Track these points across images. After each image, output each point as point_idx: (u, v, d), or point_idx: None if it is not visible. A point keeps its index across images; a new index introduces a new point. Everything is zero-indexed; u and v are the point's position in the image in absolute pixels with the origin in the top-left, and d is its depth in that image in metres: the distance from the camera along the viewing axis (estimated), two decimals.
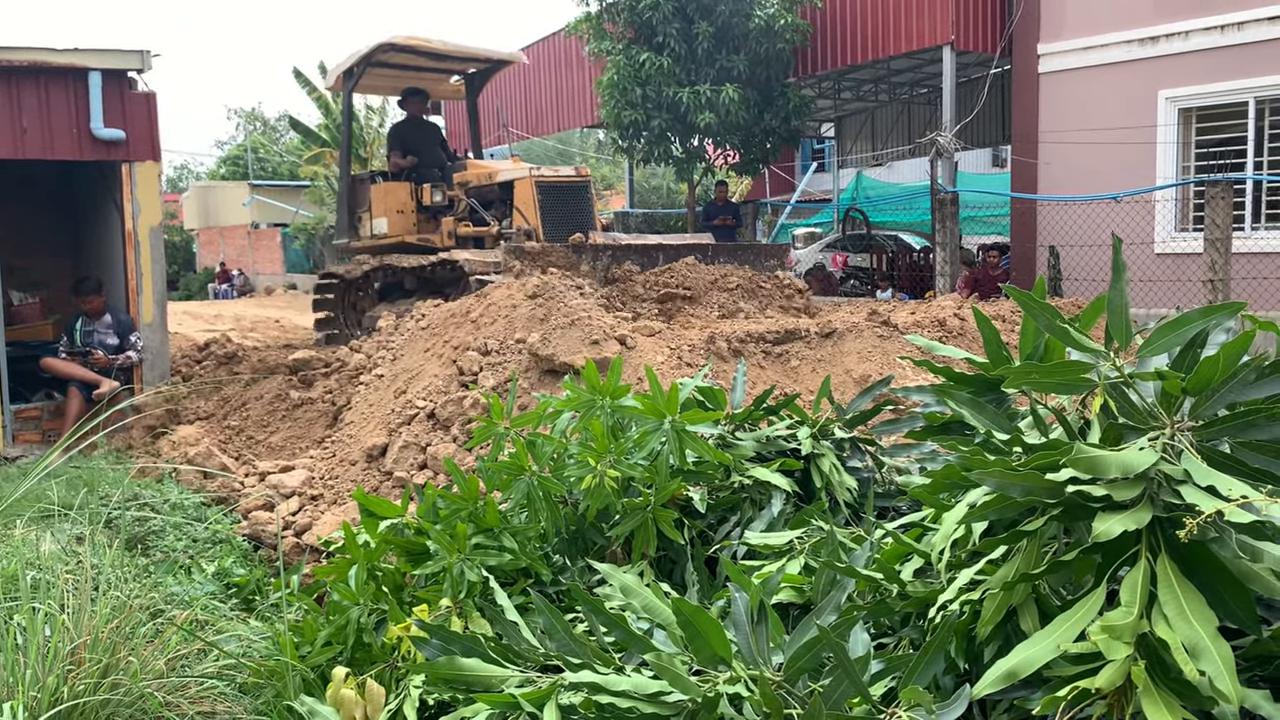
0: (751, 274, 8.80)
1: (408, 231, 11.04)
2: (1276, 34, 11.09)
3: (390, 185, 11.23)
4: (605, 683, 1.77)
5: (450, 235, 10.55)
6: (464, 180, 10.79)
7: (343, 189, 12.13)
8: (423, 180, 11.20)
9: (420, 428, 5.68)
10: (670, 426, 3.19)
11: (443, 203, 10.92)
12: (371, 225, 11.33)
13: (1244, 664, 1.83)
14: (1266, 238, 11.19)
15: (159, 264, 8.23)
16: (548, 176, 10.34)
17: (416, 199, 11.18)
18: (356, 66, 11.24)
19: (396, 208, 11.09)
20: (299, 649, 3.22)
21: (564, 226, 9.98)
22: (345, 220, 11.91)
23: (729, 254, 9.26)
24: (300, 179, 31.58)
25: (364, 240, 11.55)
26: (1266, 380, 1.80)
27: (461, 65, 12.00)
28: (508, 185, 10.34)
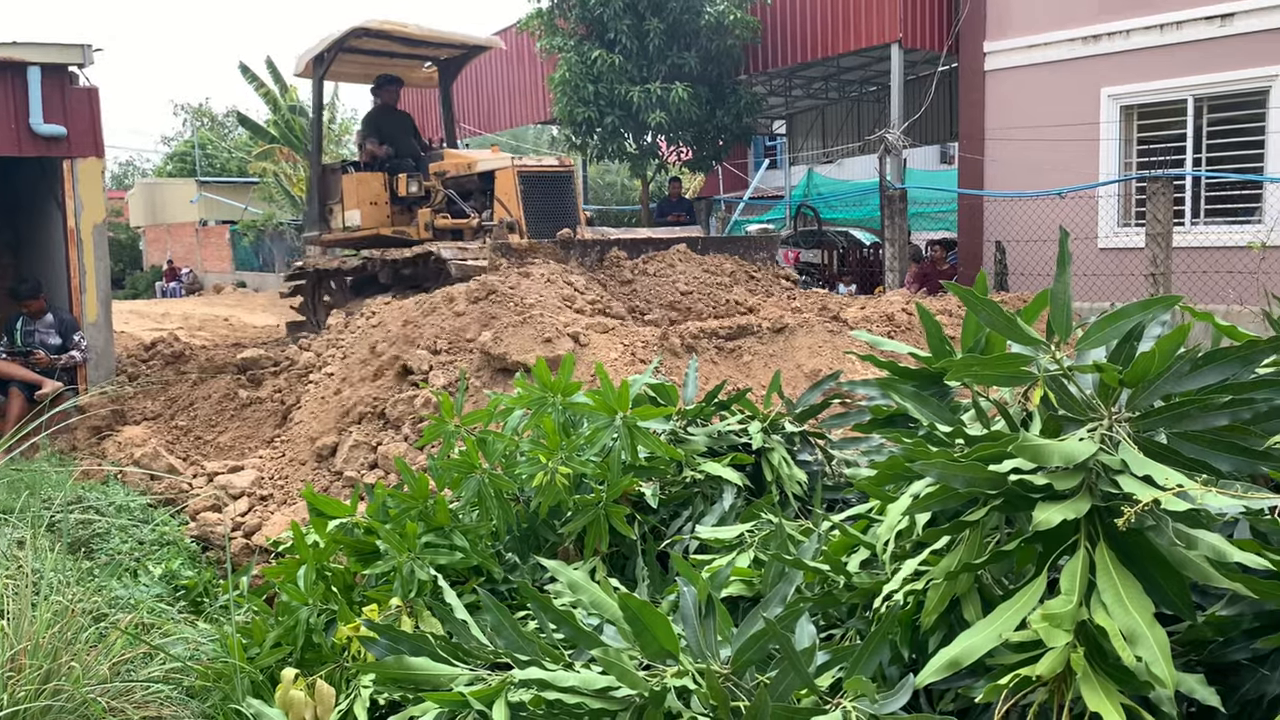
0: (744, 264, 8.72)
1: (382, 223, 10.75)
2: (1214, 33, 11.33)
3: (363, 175, 10.91)
4: (553, 679, 1.77)
5: (427, 227, 10.27)
6: (441, 170, 10.50)
7: (313, 179, 11.80)
8: (397, 170, 10.90)
9: (371, 427, 5.63)
10: (622, 423, 3.20)
11: (418, 193, 10.60)
12: (344, 217, 11.04)
13: (1180, 649, 1.88)
14: (1206, 232, 11.43)
15: (103, 262, 8.08)
16: (530, 167, 10.04)
17: (391, 190, 10.87)
18: (327, 52, 10.92)
19: (370, 199, 10.77)
20: (248, 651, 3.18)
21: (548, 219, 9.68)
22: (316, 212, 11.56)
23: (719, 246, 9.10)
24: (249, 175, 31.14)
25: (335, 233, 11.24)
26: (1200, 371, 1.84)
27: (436, 51, 11.71)
28: (488, 175, 10.05)
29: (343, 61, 11.25)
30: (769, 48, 15.11)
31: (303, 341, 8.14)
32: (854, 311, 7.88)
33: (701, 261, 8.38)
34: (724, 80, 15.14)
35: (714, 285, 8.08)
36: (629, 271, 8.08)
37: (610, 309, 7.10)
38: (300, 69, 11.47)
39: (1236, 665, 1.87)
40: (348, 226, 10.94)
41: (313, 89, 11.76)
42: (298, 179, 25.84)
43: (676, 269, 8.13)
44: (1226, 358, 1.83)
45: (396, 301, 7.53)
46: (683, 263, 8.26)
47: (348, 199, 10.95)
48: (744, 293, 8.14)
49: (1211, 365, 1.83)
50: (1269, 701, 1.80)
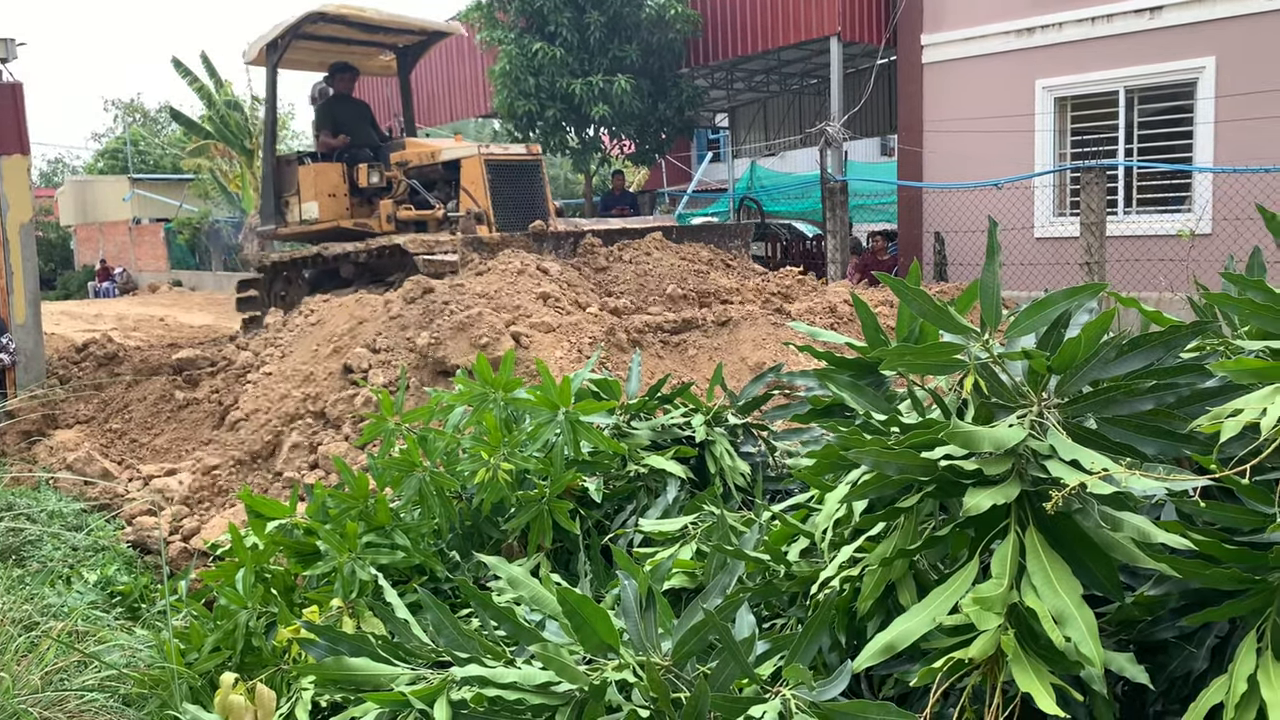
0: (720, 252, 8.61)
1: (341, 216, 10.42)
2: (1144, 26, 11.59)
3: (321, 166, 10.54)
4: (493, 676, 1.77)
5: (389, 219, 9.99)
6: (403, 160, 10.19)
7: (266, 171, 11.39)
8: (355, 160, 10.55)
9: (310, 426, 5.56)
10: (564, 418, 3.19)
11: (380, 184, 10.30)
12: (300, 210, 10.68)
13: (1109, 629, 1.92)
14: (1138, 221, 11.70)
15: (31, 262, 7.88)
16: (498, 155, 9.77)
17: (350, 181, 10.53)
18: (281, 38, 10.55)
19: (328, 190, 10.44)
20: (185, 656, 3.13)
21: (516, 209, 9.46)
22: (271, 205, 11.16)
23: (693, 235, 8.96)
24: (183, 173, 30.54)
25: (292, 226, 10.86)
26: (1126, 357, 1.88)
27: (394, 38, 11.36)
28: (453, 165, 9.76)
29: (297, 49, 10.88)
30: (710, 41, 15.17)
31: (240, 341, 8.01)
32: (797, 304, 7.94)
33: (678, 250, 8.25)
34: (666, 73, 15.17)
35: (691, 272, 7.93)
36: (604, 259, 7.89)
37: (584, 300, 7.04)
38: (252, 56, 11.08)
39: (1164, 643, 1.92)
40: (305, 220, 10.59)
41: (266, 77, 11.32)
42: (234, 175, 25.42)
43: (653, 256, 7.99)
44: (1151, 343, 1.87)
45: (336, 299, 7.43)
46: (659, 250, 8.13)
47: (304, 191, 10.60)
48: (722, 279, 8.05)
49: (1136, 351, 1.87)
50: (1195, 677, 1.85)
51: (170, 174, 34.57)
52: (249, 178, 24.78)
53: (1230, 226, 9.93)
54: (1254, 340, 2.02)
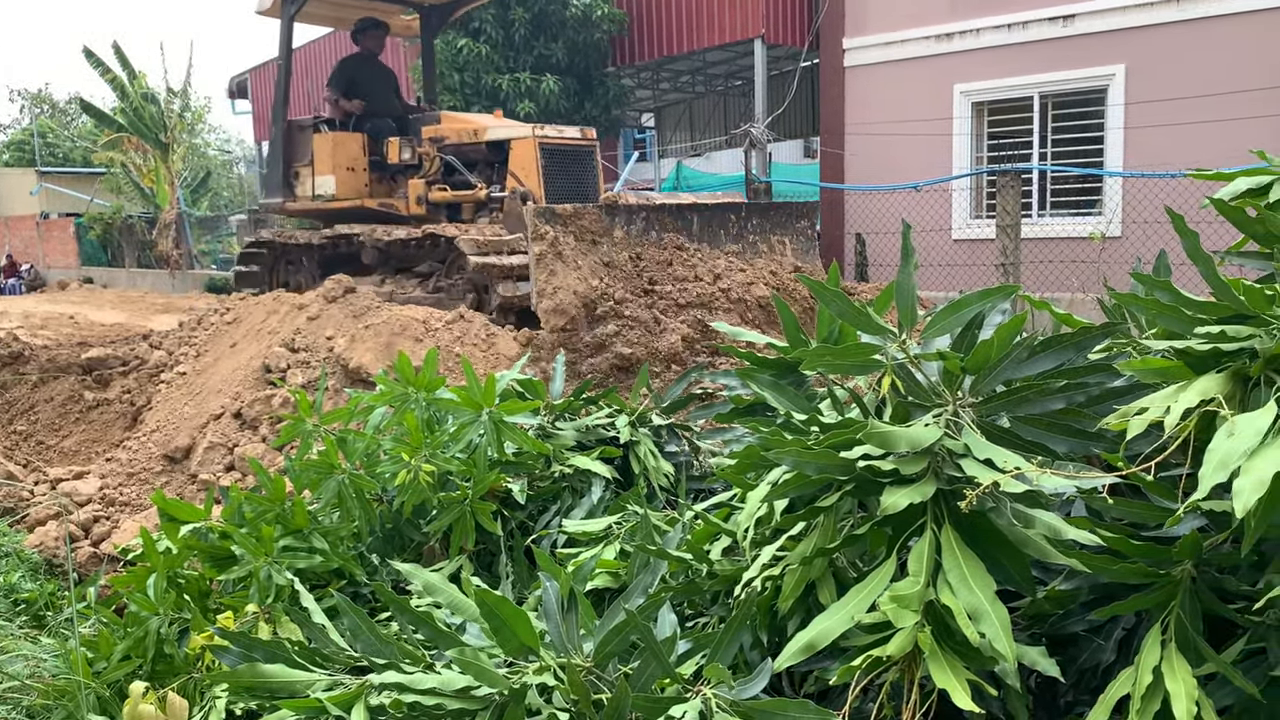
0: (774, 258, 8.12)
1: (360, 193, 9.40)
2: (1058, 34, 11.90)
3: (340, 136, 9.47)
4: (410, 682, 1.74)
5: (419, 201, 9.00)
6: (437, 135, 9.19)
7: (275, 136, 10.17)
8: (377, 132, 9.57)
9: (227, 427, 5.44)
10: (488, 418, 3.16)
11: (411, 161, 9.29)
12: (314, 183, 9.56)
13: (1021, 623, 1.96)
14: (1051, 224, 12.01)
15: None
16: (553, 138, 8.89)
17: (374, 155, 9.51)
18: None
19: (346, 164, 9.38)
20: (94, 665, 3.03)
21: (569, 198, 8.50)
22: (278, 176, 10.03)
23: (761, 213, 8.41)
24: (95, 166, 29.63)
25: (303, 201, 9.78)
26: (1037, 358, 1.92)
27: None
28: (499, 145, 8.88)
29: (315, 1, 9.88)
30: (636, 41, 15.19)
31: (153, 339, 7.78)
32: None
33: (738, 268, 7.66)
34: (592, 72, 15.17)
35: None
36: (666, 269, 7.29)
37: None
38: (265, 6, 10.02)
39: (1075, 636, 1.96)
40: (318, 195, 9.51)
41: (280, 30, 10.17)
42: (148, 170, 24.72)
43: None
44: (1062, 344, 1.92)
45: (253, 297, 7.27)
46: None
47: (319, 162, 9.50)
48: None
49: (1048, 351, 1.92)
50: (1104, 669, 1.90)
51: (81, 167, 33.52)
52: (164, 172, 24.12)
53: (1140, 229, 10.25)
54: (1160, 340, 2.08)
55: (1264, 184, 2.36)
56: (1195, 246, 1.93)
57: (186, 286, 21.72)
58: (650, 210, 7.48)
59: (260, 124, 24.05)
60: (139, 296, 20.62)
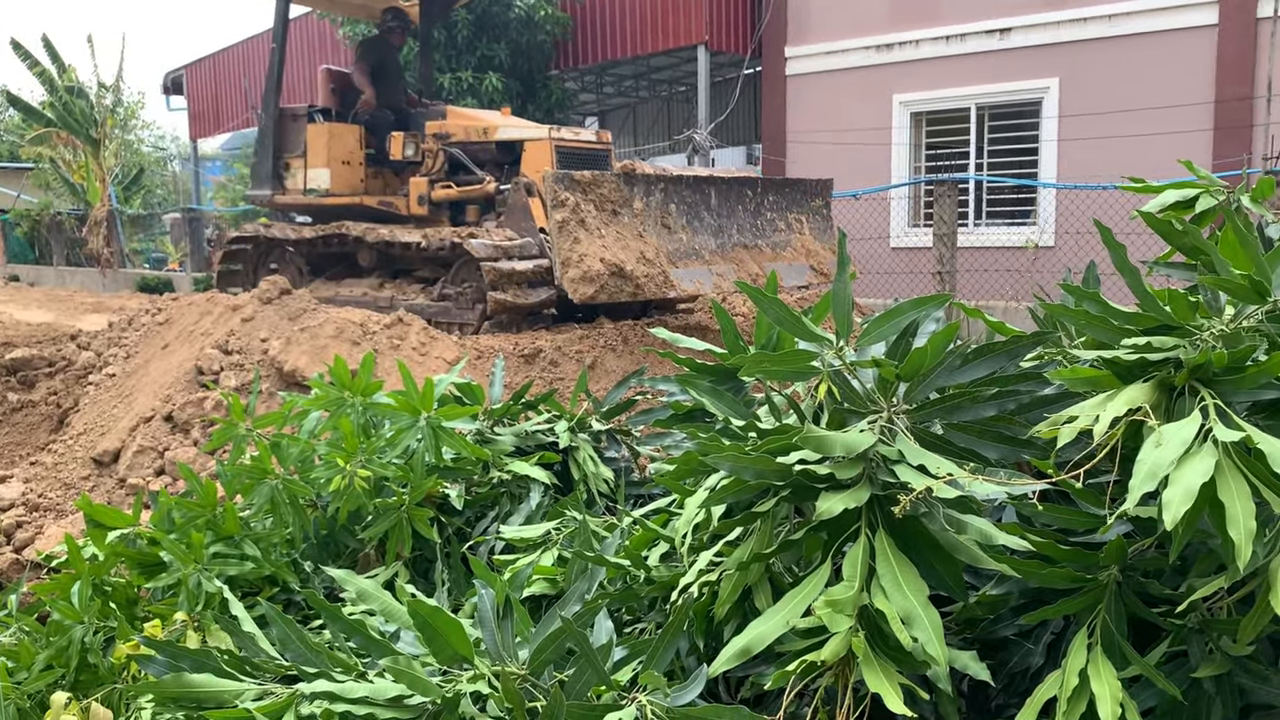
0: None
1: (357, 189, 8.97)
2: (994, 46, 12.14)
3: (336, 127, 9.00)
4: (341, 690, 1.71)
5: (421, 200, 8.56)
6: (442, 131, 8.71)
7: (266, 125, 9.67)
8: (376, 124, 9.12)
9: (157, 430, 5.32)
10: (426, 423, 3.13)
11: (414, 157, 8.85)
12: (306, 176, 9.08)
13: (954, 628, 1.99)
14: (987, 233, 12.24)
15: None
16: (569, 141, 8.49)
17: (370, 148, 9.11)
18: None
19: (342, 157, 8.92)
20: (13, 675, 2.94)
21: None
22: (268, 166, 9.52)
23: (777, 189, 8.21)
24: (22, 161, 28.84)
25: (293, 195, 9.28)
26: (970, 365, 1.95)
27: None
28: (511, 146, 8.48)
29: None
30: (580, 44, 15.19)
31: (82, 340, 7.58)
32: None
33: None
34: (535, 74, 15.12)
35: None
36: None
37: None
38: None
39: (1005, 641, 2.00)
40: (311, 189, 9.03)
41: (276, 11, 9.75)
42: (78, 165, 24.12)
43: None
44: (994, 352, 1.95)
45: (186, 297, 7.12)
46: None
47: (313, 155, 9.01)
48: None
49: (980, 360, 1.95)
50: (1033, 673, 1.94)
51: (7, 162, 32.61)
52: (95, 168, 23.55)
53: (1072, 240, 10.49)
54: (1089, 350, 2.12)
55: (1190, 196, 2.43)
56: (1122, 258, 1.97)
57: (118, 285, 21.22)
58: (669, 182, 7.26)
59: (196, 121, 23.60)
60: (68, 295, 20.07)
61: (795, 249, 7.98)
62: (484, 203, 8.37)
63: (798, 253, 7.98)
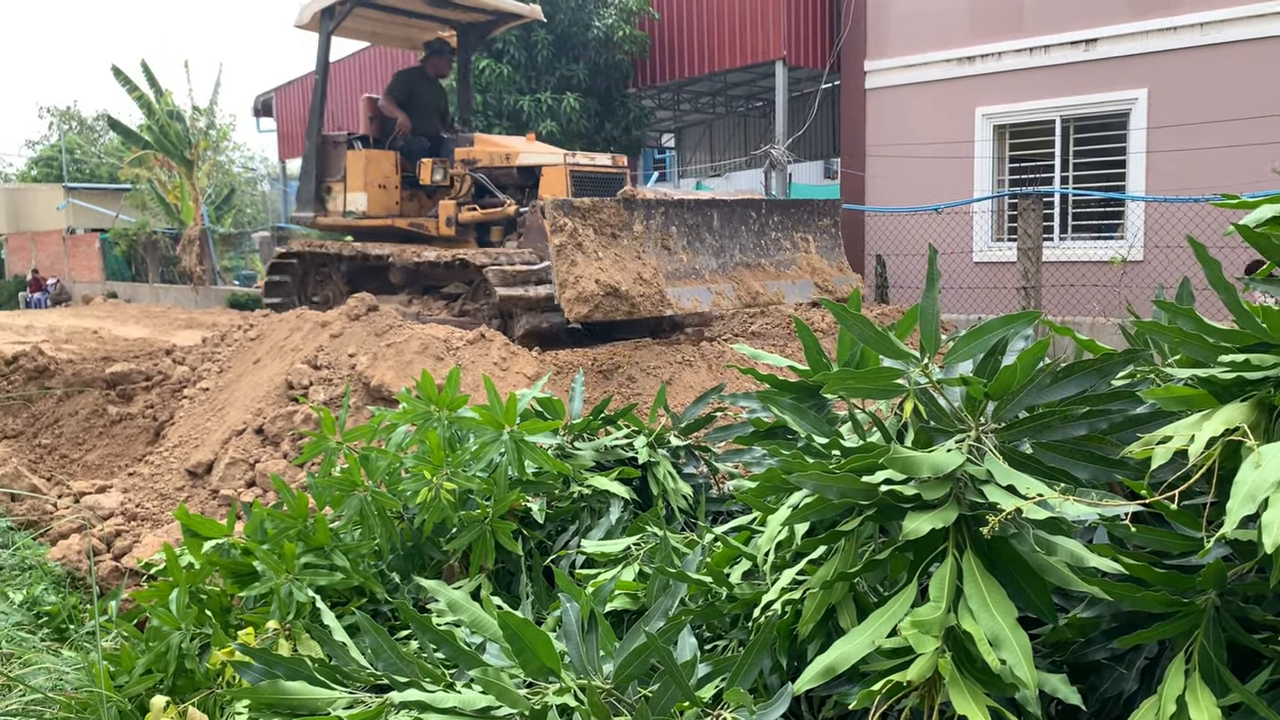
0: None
1: (391, 211, 9.56)
2: (1080, 57, 11.90)
3: (373, 153, 9.61)
4: (432, 701, 1.75)
5: (449, 222, 9.08)
6: (470, 157, 9.28)
7: (309, 151, 10.34)
8: (411, 150, 9.71)
9: (248, 443, 5.47)
10: (509, 437, 3.18)
11: (443, 182, 9.40)
12: (345, 199, 9.73)
13: (1043, 650, 1.96)
14: (1073, 247, 11.97)
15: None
16: (584, 166, 8.92)
17: (405, 173, 9.66)
18: (341, 4, 9.64)
19: (379, 181, 9.50)
20: (115, 679, 3.05)
21: None
22: (311, 190, 10.19)
23: (783, 210, 8.45)
24: (120, 182, 29.97)
25: (334, 216, 9.92)
26: (1060, 384, 1.92)
27: (460, 14, 10.39)
28: (530, 171, 8.95)
29: (356, 16, 9.93)
30: (657, 62, 15.28)
31: (176, 355, 7.84)
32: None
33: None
34: (613, 93, 15.24)
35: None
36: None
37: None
38: (305, 20, 10.05)
39: (1096, 664, 1.95)
40: (349, 211, 9.67)
41: (319, 44, 10.24)
42: (173, 186, 24.98)
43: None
44: (1084, 370, 1.92)
45: (276, 314, 7.31)
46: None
47: (352, 179, 9.65)
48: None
49: (1070, 378, 1.91)
50: (1126, 698, 1.89)
51: (107, 183, 33.91)
52: (188, 189, 24.38)
53: (1161, 254, 10.21)
54: (1183, 368, 2.07)
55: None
56: (1217, 275, 1.93)
57: (209, 302, 21.89)
58: (669, 205, 7.47)
59: (285, 142, 24.26)
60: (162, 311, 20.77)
61: (800, 267, 8.18)
62: (506, 224, 8.80)
63: (803, 271, 8.16)
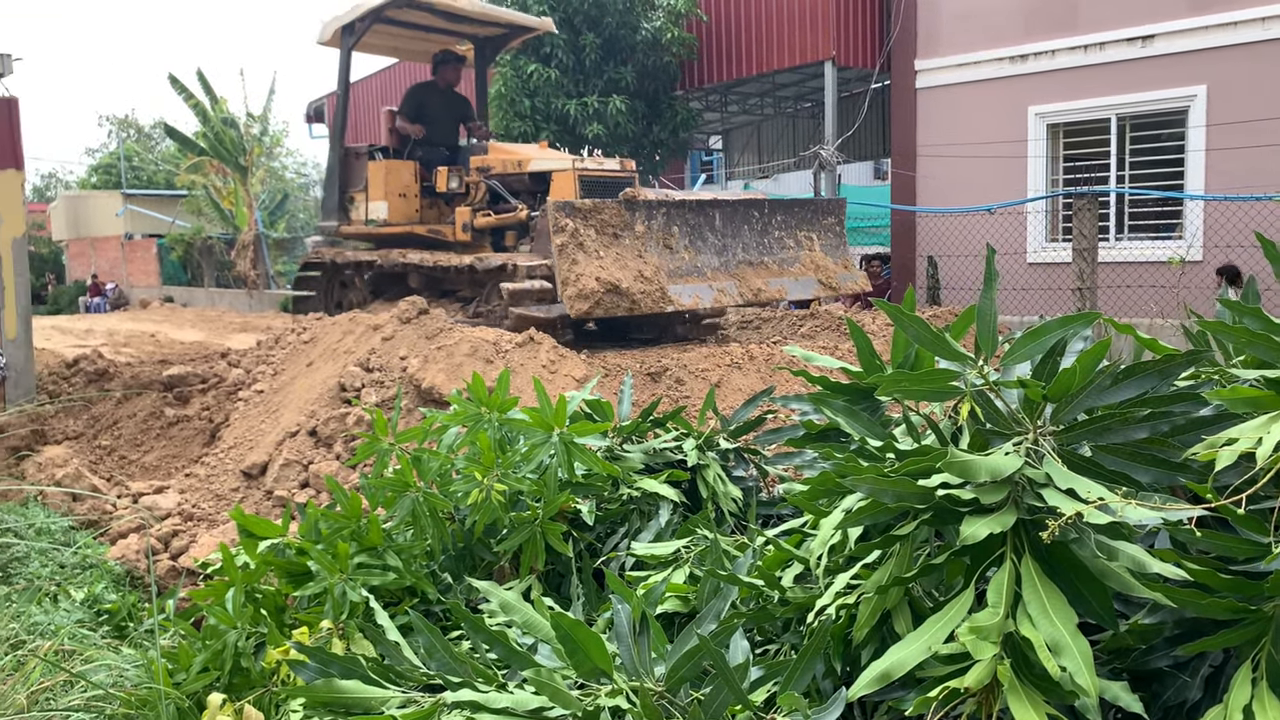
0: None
1: (411, 219, 9.86)
2: (1135, 54, 11.68)
3: (393, 164, 9.93)
4: (485, 701, 1.75)
5: (465, 228, 9.35)
6: (484, 165, 9.53)
7: (333, 163, 10.72)
8: (430, 160, 10.02)
9: (302, 444, 5.54)
10: (559, 439, 3.18)
11: (458, 189, 9.69)
12: (367, 209, 10.06)
13: (1104, 657, 1.92)
14: (1129, 248, 11.76)
15: (23, 277, 7.85)
16: (592, 170, 9.03)
17: (423, 182, 9.97)
18: (360, 21, 9.91)
19: (399, 190, 9.84)
20: (173, 676, 3.10)
21: None
22: (334, 200, 10.55)
23: (785, 209, 8.52)
24: (177, 189, 30.55)
25: (356, 225, 10.27)
26: (1121, 385, 1.88)
27: (477, 28, 10.69)
28: (541, 176, 9.10)
29: (375, 32, 10.26)
30: (705, 64, 15.25)
31: (232, 358, 7.96)
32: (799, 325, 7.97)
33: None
34: (660, 95, 15.24)
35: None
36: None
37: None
38: (326, 37, 10.39)
39: (1159, 672, 1.91)
40: (371, 220, 9.99)
41: (339, 60, 10.60)
42: (228, 192, 25.42)
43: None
44: (1146, 371, 1.88)
45: (329, 318, 7.40)
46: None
47: (373, 189, 9.97)
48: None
49: (1131, 379, 1.88)
50: (1189, 707, 1.85)
51: (164, 190, 34.58)
52: (243, 195, 24.79)
53: (1221, 254, 9.99)
54: (1249, 369, 2.02)
55: None
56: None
57: (263, 306, 22.23)
58: (671, 206, 7.61)
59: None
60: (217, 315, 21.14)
61: (804, 264, 8.29)
62: (520, 228, 9.03)
63: (806, 268, 8.26)
